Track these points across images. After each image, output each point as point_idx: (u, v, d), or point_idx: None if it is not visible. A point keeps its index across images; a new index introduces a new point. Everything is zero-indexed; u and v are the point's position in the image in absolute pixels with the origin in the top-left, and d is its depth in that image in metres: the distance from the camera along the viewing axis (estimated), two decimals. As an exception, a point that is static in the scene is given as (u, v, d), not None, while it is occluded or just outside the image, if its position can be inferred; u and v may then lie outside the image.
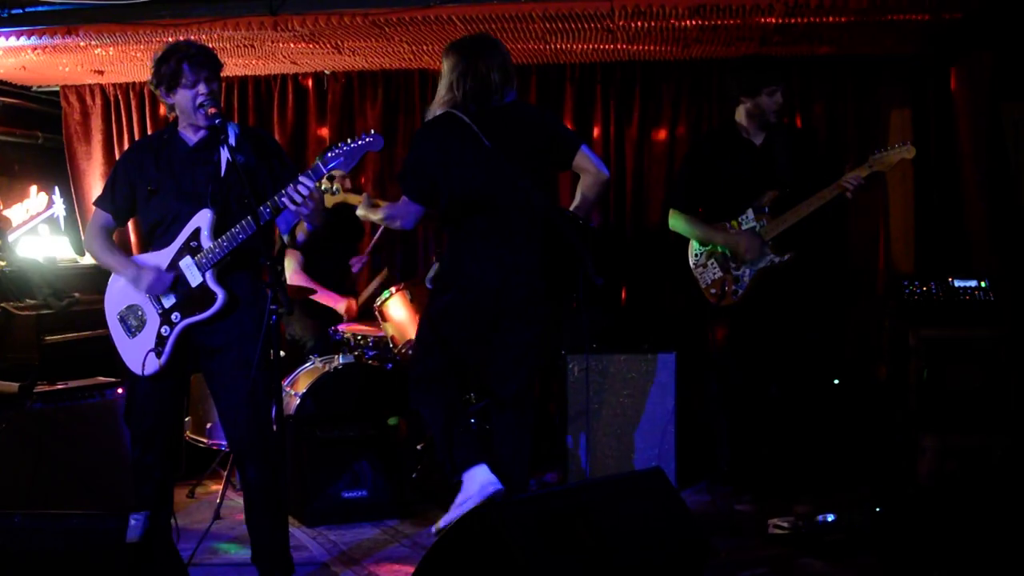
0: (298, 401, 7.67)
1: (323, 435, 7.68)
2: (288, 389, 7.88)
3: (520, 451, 6.85)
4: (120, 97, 10.34)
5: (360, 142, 5.78)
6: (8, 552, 4.66)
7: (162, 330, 5.95)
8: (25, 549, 4.70)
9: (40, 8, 7.75)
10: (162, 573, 4.91)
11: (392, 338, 8.17)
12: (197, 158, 6.00)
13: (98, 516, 5.09)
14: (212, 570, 6.57)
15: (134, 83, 10.26)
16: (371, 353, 8.40)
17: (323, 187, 5.98)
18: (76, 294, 6.91)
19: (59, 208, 9.90)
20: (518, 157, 6.51)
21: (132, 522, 4.67)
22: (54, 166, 10.53)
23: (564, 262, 6.76)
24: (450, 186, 6.62)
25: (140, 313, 6.03)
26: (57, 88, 10.49)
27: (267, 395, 5.94)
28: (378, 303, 8.17)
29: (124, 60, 9.22)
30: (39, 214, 9.80)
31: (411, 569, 5.36)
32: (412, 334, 7.83)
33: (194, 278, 5.89)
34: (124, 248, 6.89)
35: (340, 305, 8.78)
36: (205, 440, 8.22)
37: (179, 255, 5.92)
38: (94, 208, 6.25)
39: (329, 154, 5.75)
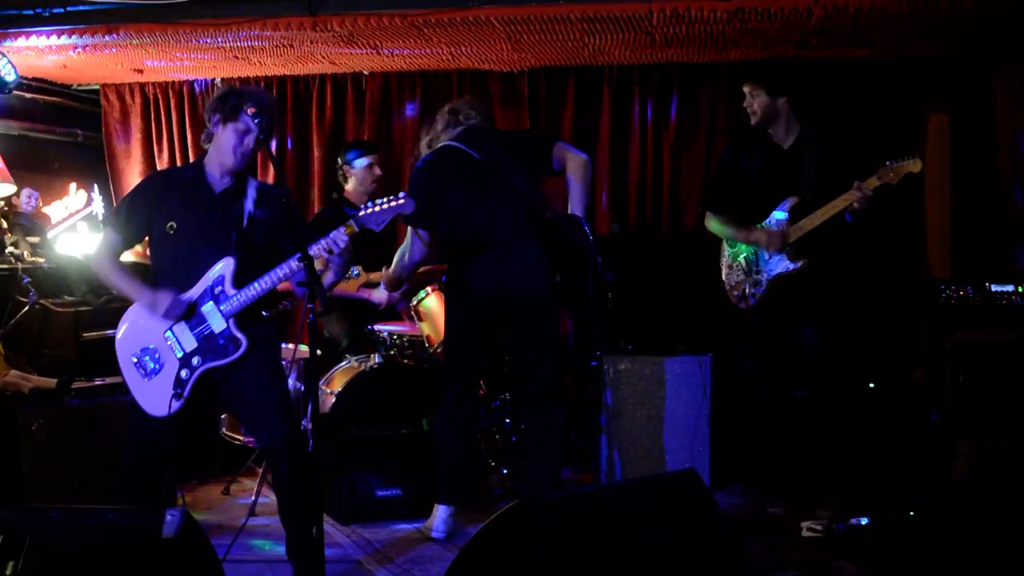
0: (333, 400, 7.71)
1: (358, 433, 7.71)
2: (323, 388, 7.91)
3: (545, 450, 7.00)
4: (159, 96, 10.39)
5: (392, 204, 5.88)
6: (45, 546, 4.69)
7: (182, 373, 5.95)
8: (62, 543, 4.73)
9: (81, 8, 7.78)
10: (197, 569, 4.94)
11: (428, 337, 8.19)
12: (222, 205, 6.05)
13: (134, 511, 5.14)
14: (247, 566, 6.60)
15: (173, 82, 10.31)
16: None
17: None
18: (114, 291, 6.95)
19: (98, 206, 9.94)
20: (508, 163, 6.77)
21: (168, 518, 4.70)
22: (93, 164, 10.58)
23: (572, 262, 6.88)
24: (445, 201, 7.11)
25: (158, 356, 6.01)
26: (97, 87, 10.55)
27: (290, 395, 6.11)
28: (414, 302, 8.19)
29: (164, 59, 9.26)
30: (78, 211, 9.85)
31: (444, 567, 5.36)
32: (446, 332, 7.88)
33: (218, 324, 5.93)
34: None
35: (375, 296, 8.71)
36: (240, 437, 8.26)
37: (201, 300, 5.95)
38: (104, 230, 6.23)
39: (362, 213, 5.85)
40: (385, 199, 5.91)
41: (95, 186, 10.14)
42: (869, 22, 7.91)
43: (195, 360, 5.95)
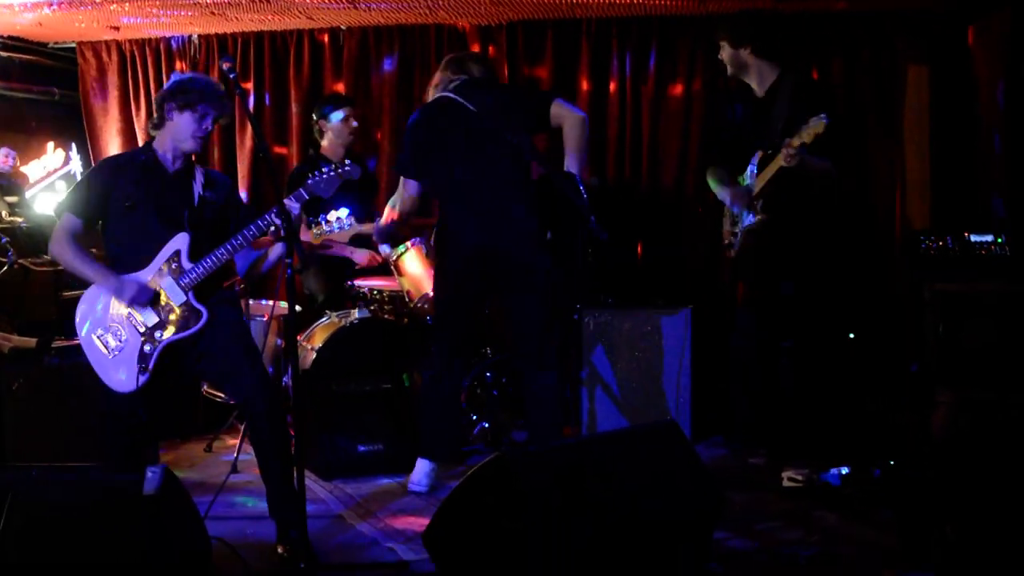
0: (314, 355, 7.71)
1: (339, 389, 7.73)
2: (304, 344, 7.92)
3: (543, 410, 7.00)
4: (136, 53, 10.34)
5: (341, 170, 6.09)
6: (26, 504, 4.69)
7: (145, 348, 6.01)
8: (43, 502, 4.74)
9: (56, -36, 7.77)
10: (178, 526, 4.95)
11: (408, 292, 8.16)
12: (176, 183, 6.15)
13: (115, 469, 5.15)
14: (229, 523, 6.59)
15: (150, 39, 10.26)
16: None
17: (332, 224, 6.25)
18: (93, 250, 6.92)
19: (76, 164, 9.93)
20: (502, 117, 6.76)
21: (149, 475, 4.70)
22: (71, 122, 10.54)
23: (565, 219, 6.88)
24: (436, 153, 7.12)
25: (118, 332, 6.06)
26: (73, 44, 10.50)
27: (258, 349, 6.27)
28: (393, 257, 8.17)
29: (140, 16, 9.22)
30: (56, 170, 9.84)
31: (426, 520, 5.38)
32: (427, 288, 7.86)
33: (177, 297, 5.99)
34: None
35: (358, 255, 8.73)
36: (222, 395, 8.25)
37: (159, 275, 6.01)
38: (61, 214, 6.23)
39: (310, 181, 6.03)
40: (332, 166, 6.11)
41: (73, 145, 10.13)
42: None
43: (157, 334, 6.01)
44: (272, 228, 5.91)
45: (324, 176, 6.03)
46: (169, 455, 8.35)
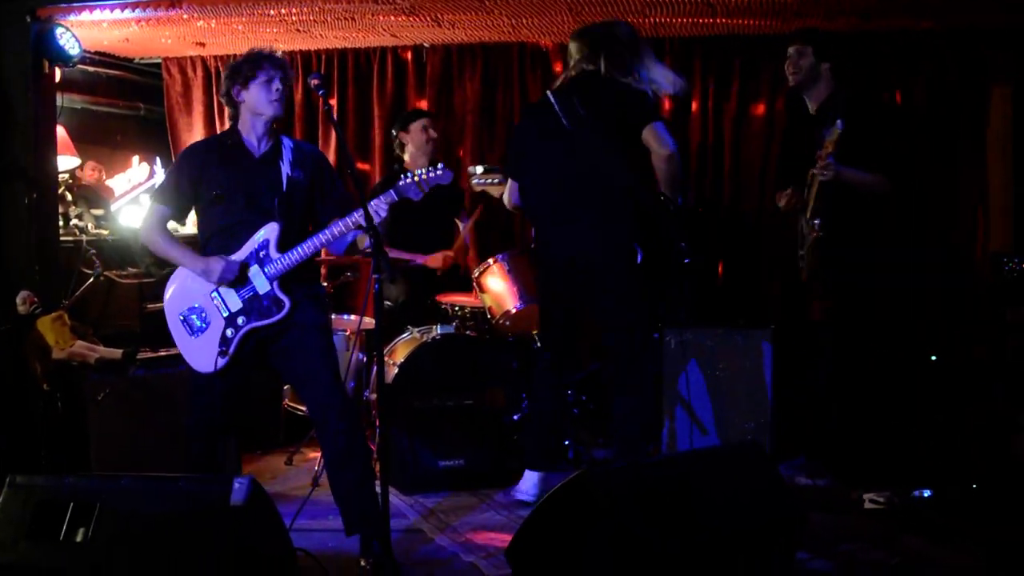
0: (396, 371, 7.74)
1: (420, 405, 7.75)
2: (386, 359, 7.94)
3: (625, 412, 6.97)
4: (221, 69, 10.35)
5: (432, 175, 6.08)
6: (115, 514, 4.74)
7: (227, 332, 6.11)
8: (132, 511, 4.77)
9: (144, -19, 7.83)
10: (264, 537, 4.98)
11: (490, 309, 8.18)
12: (263, 170, 6.19)
13: (203, 479, 5.18)
14: (312, 535, 6.62)
15: (235, 55, 10.27)
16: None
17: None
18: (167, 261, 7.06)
19: (160, 178, 10.00)
20: (596, 132, 6.75)
21: (236, 486, 4.73)
22: (155, 137, 10.65)
23: (655, 238, 6.88)
24: (527, 162, 7.22)
25: (204, 315, 6.17)
26: (159, 60, 10.61)
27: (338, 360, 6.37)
28: (476, 274, 8.19)
29: (226, 32, 9.30)
30: (141, 184, 9.92)
31: (508, 537, 5.38)
32: (509, 305, 7.90)
33: (262, 286, 6.08)
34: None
35: (433, 260, 8.77)
36: (304, 408, 8.29)
37: (247, 263, 6.09)
38: (152, 203, 6.35)
39: (401, 183, 6.05)
40: (423, 170, 6.10)
41: (157, 159, 10.22)
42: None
43: (240, 320, 6.10)
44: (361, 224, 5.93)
45: (414, 179, 6.04)
46: (250, 467, 8.41)
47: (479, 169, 7.02)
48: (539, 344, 7.48)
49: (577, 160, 6.92)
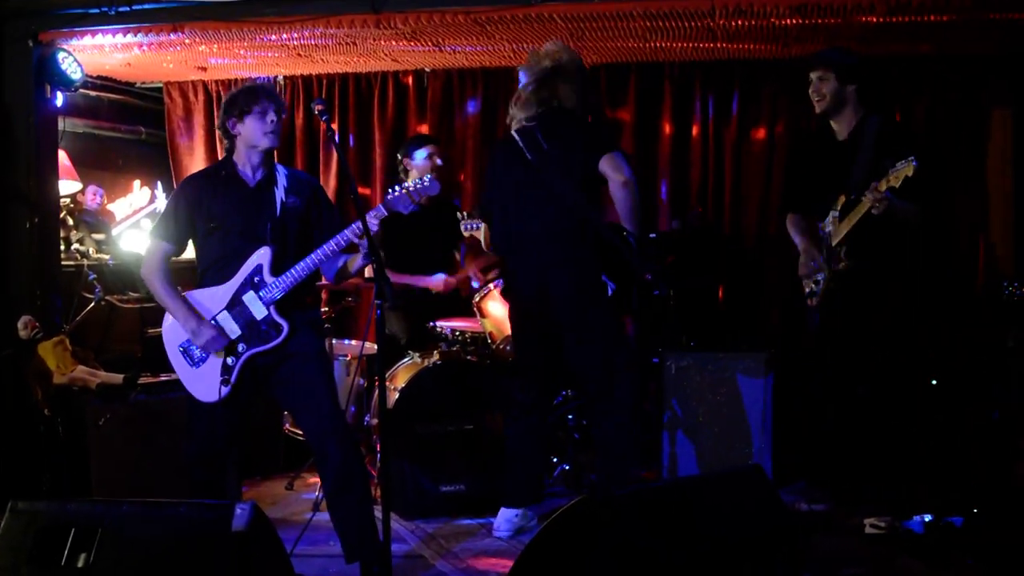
0: (397, 396, 7.74)
1: (421, 430, 7.74)
2: (387, 384, 7.93)
3: (609, 444, 6.96)
4: (222, 93, 10.40)
5: (420, 186, 6.12)
6: (117, 539, 4.73)
7: (228, 360, 6.10)
8: (133, 536, 4.77)
9: (146, 6, 7.83)
10: (266, 563, 4.97)
11: (490, 334, 8.20)
12: (257, 198, 6.18)
13: (204, 505, 5.17)
14: (313, 561, 6.64)
15: (236, 80, 10.37)
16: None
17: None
18: (179, 287, 7.01)
19: (161, 203, 10.03)
20: (558, 166, 6.77)
21: (238, 511, 4.73)
22: (157, 161, 10.68)
23: (621, 271, 6.89)
24: (495, 197, 7.22)
25: None
26: (161, 84, 10.65)
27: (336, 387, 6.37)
28: (476, 299, 8.21)
29: (227, 57, 9.34)
30: (142, 208, 9.95)
31: (509, 562, 5.40)
32: (509, 330, 7.89)
33: (259, 311, 6.06)
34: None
35: (433, 281, 8.76)
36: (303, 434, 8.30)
37: (242, 290, 6.08)
38: (152, 239, 6.35)
39: (388, 196, 6.08)
40: (411, 182, 6.13)
41: (159, 183, 10.25)
42: (932, 17, 7.85)
43: (240, 347, 6.09)
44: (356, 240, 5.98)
45: (402, 192, 6.05)
46: (251, 493, 8.41)
47: (464, 214, 7.02)
48: (516, 387, 7.39)
49: (541, 193, 6.92)
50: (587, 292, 6.95)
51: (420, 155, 8.78)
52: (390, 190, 6.10)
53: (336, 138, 6.55)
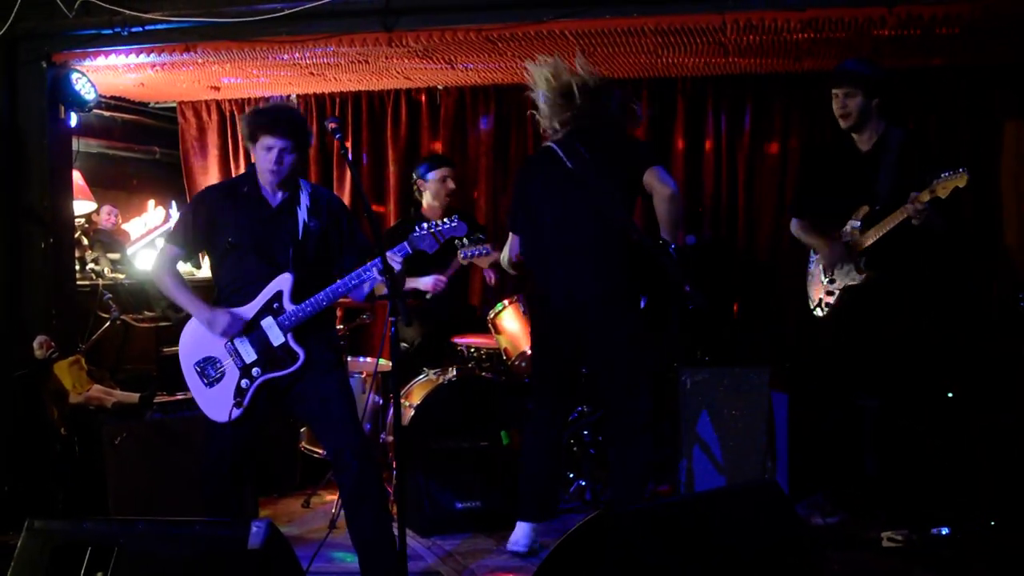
0: (412, 413, 7.74)
1: (437, 446, 7.74)
2: (402, 401, 7.92)
3: (626, 460, 6.93)
4: (236, 113, 10.48)
5: (446, 226, 6.09)
6: (133, 557, 4.74)
7: (242, 383, 6.09)
8: (149, 554, 4.77)
9: (159, 26, 7.84)
10: (282, 580, 4.98)
11: (505, 350, 8.18)
12: (279, 220, 6.16)
13: (220, 523, 5.18)
14: (329, 578, 6.66)
15: (250, 99, 10.40)
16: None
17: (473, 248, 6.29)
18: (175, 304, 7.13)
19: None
20: (598, 177, 6.73)
21: (254, 529, 4.73)
22: (171, 181, 10.72)
23: (660, 285, 6.86)
24: (530, 207, 7.12)
25: (219, 365, 6.14)
26: (174, 104, 10.68)
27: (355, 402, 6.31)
28: (491, 315, 8.20)
29: (240, 76, 9.36)
30: (156, 228, 9.98)
31: (525, 579, 5.41)
32: (525, 346, 7.90)
33: (276, 338, 6.06)
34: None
35: (423, 282, 8.60)
36: (320, 451, 8.30)
37: (260, 314, 6.07)
38: (164, 243, 6.35)
39: (414, 235, 6.07)
40: (438, 222, 6.12)
41: (173, 202, 10.29)
42: (943, 30, 7.85)
43: (255, 371, 6.08)
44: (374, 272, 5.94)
45: (428, 232, 6.04)
46: (267, 510, 8.40)
47: (465, 241, 6.94)
48: (532, 402, 7.37)
49: (581, 204, 6.87)
50: (621, 304, 6.92)
51: (432, 176, 8.75)
52: (417, 229, 6.08)
53: (349, 156, 6.58)
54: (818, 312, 7.70)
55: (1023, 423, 7.71)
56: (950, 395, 8.38)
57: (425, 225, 6.08)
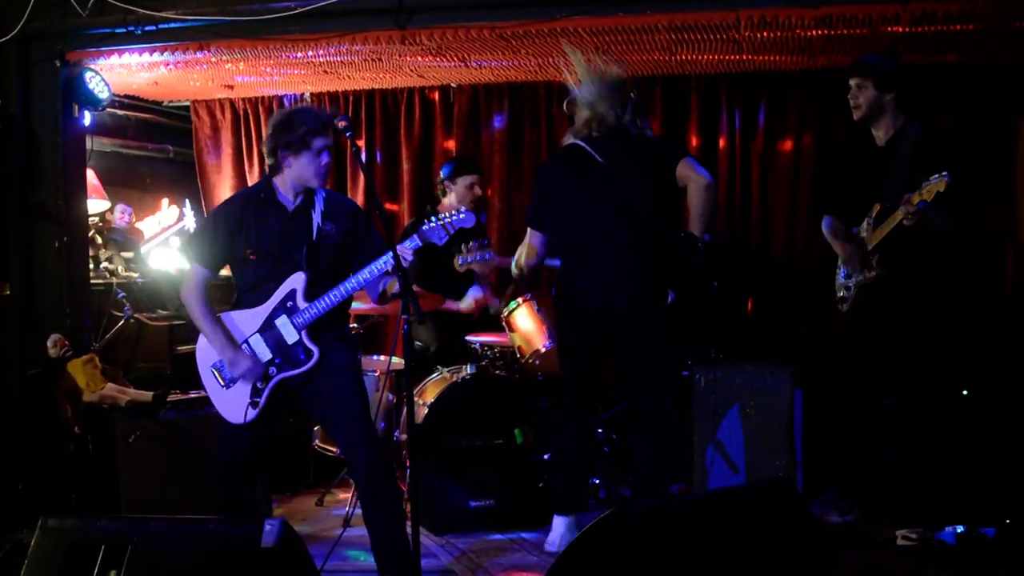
0: (426, 411, 7.75)
1: (451, 444, 7.75)
2: (416, 399, 7.93)
3: (652, 459, 6.90)
4: (249, 111, 10.48)
5: (455, 219, 6.09)
6: (146, 556, 4.74)
7: (258, 383, 6.12)
8: (163, 553, 4.77)
9: (172, 25, 7.84)
10: (296, 578, 4.97)
11: (519, 348, 8.16)
12: (294, 223, 6.19)
13: (234, 521, 5.18)
14: (343, 577, 6.66)
15: (263, 97, 10.39)
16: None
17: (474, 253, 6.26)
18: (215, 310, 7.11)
19: (190, 221, 10.07)
20: (630, 172, 6.68)
21: (267, 528, 4.73)
22: (185, 179, 10.71)
23: (685, 281, 6.82)
24: (560, 203, 7.01)
25: None
26: (188, 103, 10.67)
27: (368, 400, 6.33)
28: (505, 313, 8.19)
29: (254, 75, 9.35)
30: (170, 227, 9.98)
31: (539, 576, 5.40)
32: (539, 344, 7.89)
33: (290, 336, 6.09)
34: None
35: (464, 305, 8.72)
36: (333, 449, 8.30)
37: (275, 314, 6.11)
38: (191, 265, 6.34)
39: (424, 228, 6.07)
40: (447, 214, 6.12)
41: (187, 201, 10.28)
42: (957, 26, 7.82)
43: (271, 370, 6.11)
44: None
45: (438, 223, 6.04)
46: (281, 508, 8.42)
47: (463, 247, 6.85)
48: (564, 393, 7.32)
49: (615, 199, 6.83)
50: (651, 300, 6.91)
51: (463, 181, 8.74)
52: (427, 221, 6.09)
53: (363, 156, 6.57)
54: (841, 306, 7.70)
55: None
56: (964, 393, 8.35)
57: (434, 218, 6.08)
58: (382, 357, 8.97)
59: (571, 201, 7.02)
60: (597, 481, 8.29)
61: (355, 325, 8.55)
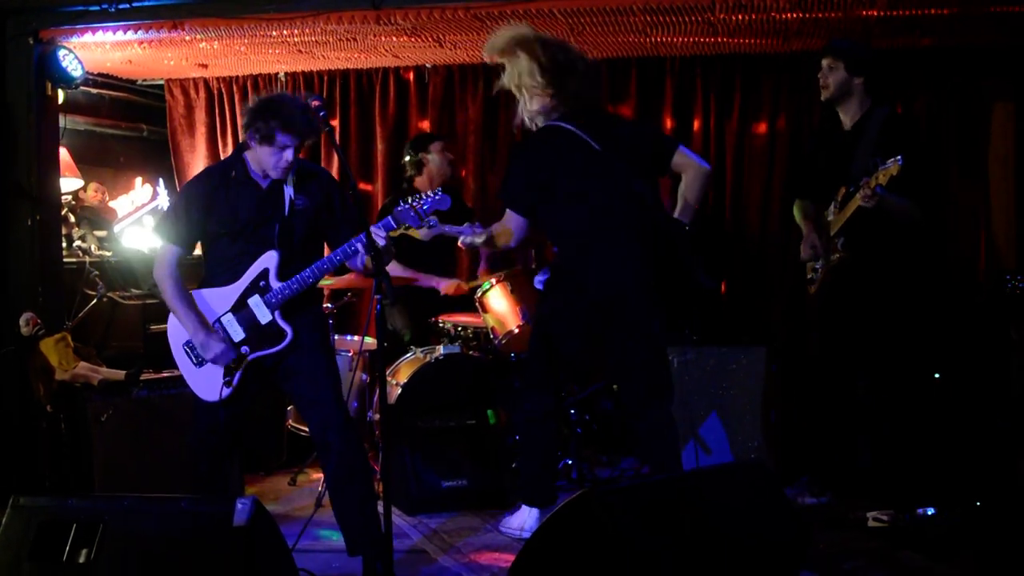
0: (399, 391, 7.75)
1: (423, 425, 7.75)
2: (389, 379, 7.93)
3: (661, 432, 6.79)
4: (224, 90, 10.45)
5: (430, 201, 6.02)
6: (118, 535, 4.74)
7: (231, 363, 6.10)
8: (134, 532, 4.78)
9: (146, 3, 7.82)
10: (268, 557, 4.97)
11: (492, 329, 8.17)
12: (267, 198, 6.14)
13: (206, 500, 5.18)
14: (315, 556, 6.65)
15: (237, 76, 10.36)
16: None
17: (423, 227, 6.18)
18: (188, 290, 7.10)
19: (163, 200, 10.04)
20: (627, 160, 6.64)
21: (239, 507, 4.73)
22: (158, 158, 10.67)
23: (672, 264, 6.79)
24: (556, 190, 6.78)
25: None
26: (162, 82, 10.63)
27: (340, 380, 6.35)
28: (478, 294, 8.19)
29: (228, 54, 9.32)
30: (144, 205, 9.95)
31: (511, 557, 5.41)
32: (512, 325, 7.89)
33: (263, 316, 6.08)
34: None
35: (444, 284, 8.78)
36: (307, 429, 8.29)
37: (247, 293, 6.09)
38: (163, 244, 6.28)
39: (398, 209, 6.01)
40: (420, 195, 6.06)
41: (160, 180, 10.25)
42: (932, 10, 7.84)
43: (243, 349, 6.11)
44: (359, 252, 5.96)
45: (408, 206, 5.99)
46: (253, 488, 8.42)
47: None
48: (536, 372, 7.12)
49: (612, 184, 6.69)
50: (647, 285, 6.78)
51: (435, 148, 8.94)
52: (401, 202, 6.04)
53: (336, 136, 6.55)
54: (810, 288, 7.73)
55: (1008, 405, 7.73)
56: (936, 376, 8.39)
57: (410, 199, 6.04)
58: (355, 337, 8.97)
59: (569, 189, 6.78)
60: (570, 462, 8.30)
61: (328, 305, 8.54)
